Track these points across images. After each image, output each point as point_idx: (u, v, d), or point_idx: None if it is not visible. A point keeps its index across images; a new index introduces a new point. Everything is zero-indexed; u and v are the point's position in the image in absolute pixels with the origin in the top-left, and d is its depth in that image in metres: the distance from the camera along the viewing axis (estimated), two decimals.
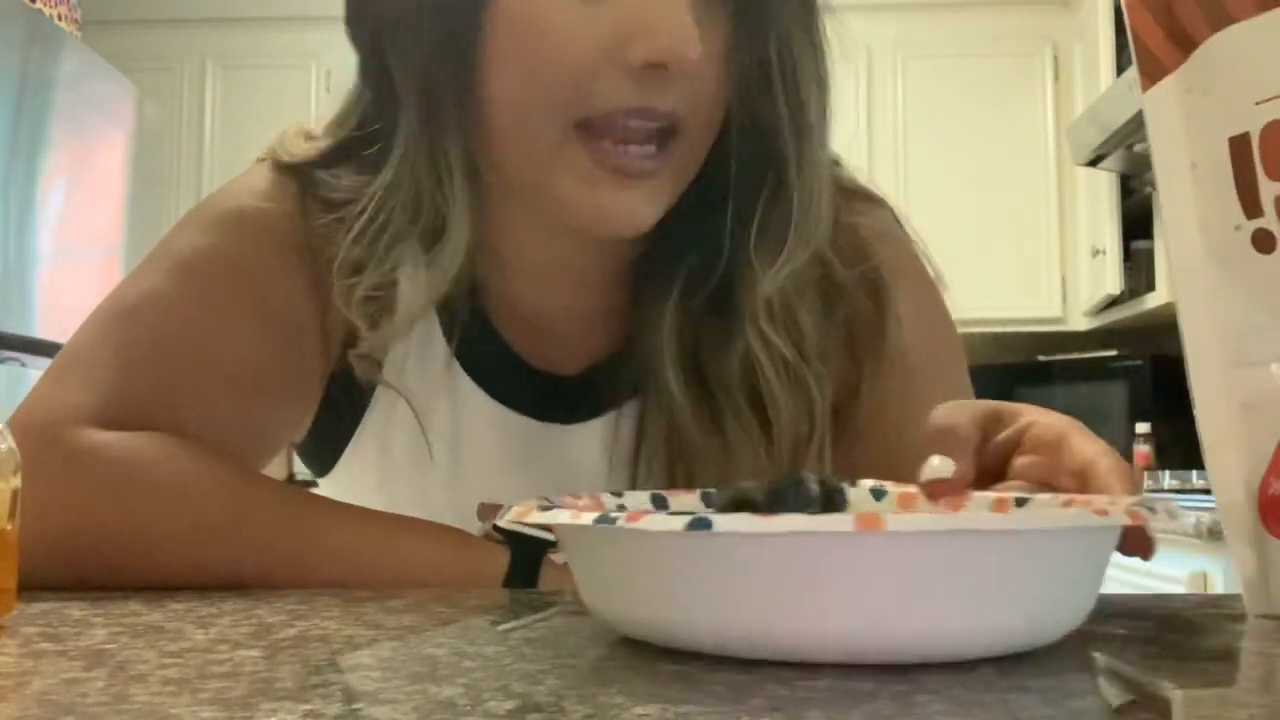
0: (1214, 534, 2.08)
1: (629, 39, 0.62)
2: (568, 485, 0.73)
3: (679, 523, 0.37)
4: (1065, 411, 0.56)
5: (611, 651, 0.40)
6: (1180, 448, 3.08)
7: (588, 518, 0.39)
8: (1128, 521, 0.39)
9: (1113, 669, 0.40)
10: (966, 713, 0.31)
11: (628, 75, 0.63)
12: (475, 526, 0.67)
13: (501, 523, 0.66)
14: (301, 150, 0.73)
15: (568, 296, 0.76)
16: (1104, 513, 0.38)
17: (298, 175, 0.73)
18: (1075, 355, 3.80)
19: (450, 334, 0.74)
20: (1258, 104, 0.48)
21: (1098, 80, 3.54)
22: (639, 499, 0.52)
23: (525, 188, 0.69)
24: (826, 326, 0.74)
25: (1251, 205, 0.48)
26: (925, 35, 4.00)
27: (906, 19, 4.02)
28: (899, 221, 0.81)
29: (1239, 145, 0.48)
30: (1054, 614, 0.40)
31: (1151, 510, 0.39)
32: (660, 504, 0.52)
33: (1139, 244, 3.49)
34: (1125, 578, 2.60)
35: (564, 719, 0.30)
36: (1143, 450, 3.31)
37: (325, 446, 0.78)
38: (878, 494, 0.53)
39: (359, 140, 0.71)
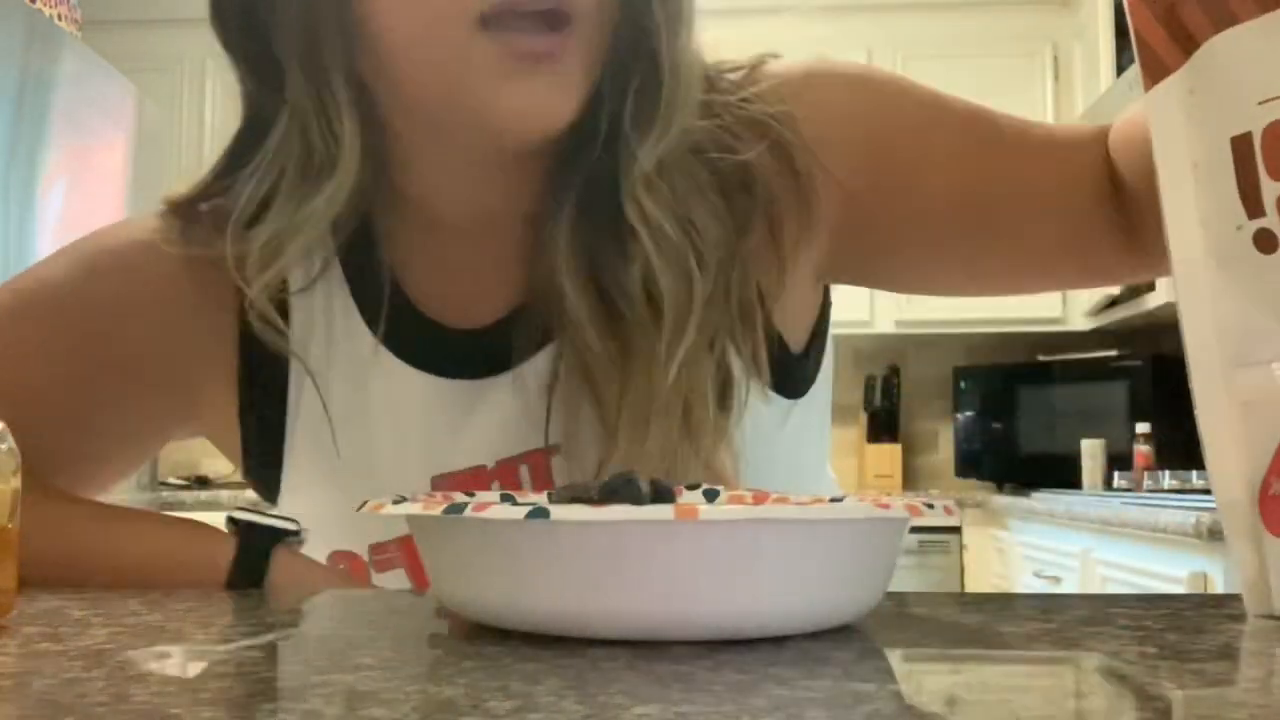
0: (1214, 534, 2.08)
1: None
2: (513, 436, 0.72)
3: (520, 511, 0.40)
4: (1065, 412, 0.56)
5: (612, 651, 0.40)
6: (1180, 448, 3.07)
7: (437, 508, 0.43)
8: (907, 516, 0.43)
9: (1113, 669, 0.40)
10: (968, 713, 0.31)
11: None
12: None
13: (234, 513, 0.70)
14: (187, 189, 0.75)
15: (479, 237, 0.75)
16: (886, 506, 0.43)
17: (178, 209, 0.75)
18: (1075, 355, 3.79)
19: (372, 320, 0.74)
20: (1260, 104, 0.48)
21: (1098, 80, 3.54)
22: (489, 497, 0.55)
23: (434, 105, 0.68)
24: (740, 219, 0.72)
25: (1253, 205, 0.48)
26: (925, 35, 4.00)
27: (906, 19, 4.02)
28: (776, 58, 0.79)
29: (1241, 145, 0.48)
30: (849, 595, 0.44)
31: (930, 506, 0.44)
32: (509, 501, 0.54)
33: None
34: (1125, 578, 2.60)
35: (564, 719, 0.30)
36: (1143, 450, 3.30)
37: (263, 466, 0.77)
38: (710, 495, 0.56)
39: (247, 150, 0.72)
